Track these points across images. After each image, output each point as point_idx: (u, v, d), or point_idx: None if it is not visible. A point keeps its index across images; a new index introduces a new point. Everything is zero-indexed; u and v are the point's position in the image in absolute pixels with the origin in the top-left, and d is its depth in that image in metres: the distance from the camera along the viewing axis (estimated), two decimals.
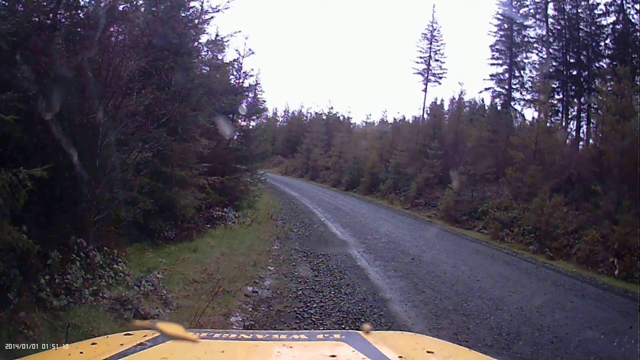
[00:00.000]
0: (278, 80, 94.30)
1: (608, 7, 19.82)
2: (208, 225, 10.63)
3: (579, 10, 21.04)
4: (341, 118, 42.83)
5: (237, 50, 15.62)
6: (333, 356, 1.32)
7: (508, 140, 18.66)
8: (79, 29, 5.95)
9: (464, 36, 63.37)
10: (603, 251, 11.58)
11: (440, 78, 29.96)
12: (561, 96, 21.72)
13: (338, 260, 9.46)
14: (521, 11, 23.74)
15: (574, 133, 21.66)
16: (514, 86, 24.52)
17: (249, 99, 17.49)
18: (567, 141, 20.67)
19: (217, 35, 12.94)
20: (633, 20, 19.09)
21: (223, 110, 12.94)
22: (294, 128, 48.45)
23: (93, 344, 1.47)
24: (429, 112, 28.00)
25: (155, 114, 7.31)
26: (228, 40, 13.10)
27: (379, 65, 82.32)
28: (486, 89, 25.83)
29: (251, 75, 16.11)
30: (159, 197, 8.03)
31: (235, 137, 15.25)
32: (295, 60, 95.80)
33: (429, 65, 29.83)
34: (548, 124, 19.04)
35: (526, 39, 24.13)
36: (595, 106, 18.97)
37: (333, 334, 1.65)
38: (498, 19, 24.72)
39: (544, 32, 22.83)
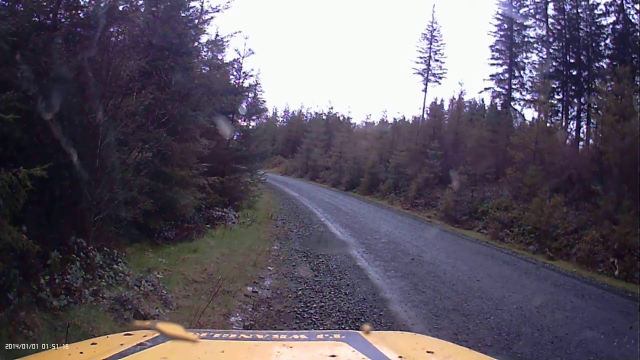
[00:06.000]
0: (278, 80, 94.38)
1: (608, 7, 19.87)
2: (208, 226, 10.62)
3: (579, 10, 21.05)
4: (341, 118, 42.85)
5: (237, 50, 15.58)
6: (333, 356, 1.32)
7: (508, 140, 18.66)
8: (79, 29, 5.95)
9: (463, 36, 63.47)
10: (603, 251, 11.58)
11: (440, 78, 30.07)
12: (561, 96, 21.75)
13: (338, 261, 9.46)
14: (521, 11, 23.76)
15: (574, 133, 21.71)
16: (514, 86, 24.55)
17: (249, 99, 17.51)
18: (567, 141, 20.69)
19: (217, 36, 12.93)
20: (633, 21, 19.13)
21: (223, 110, 12.94)
22: (294, 128, 48.46)
23: (93, 344, 1.47)
24: (429, 112, 28.01)
25: (155, 114, 7.30)
26: (228, 41, 13.11)
27: (379, 65, 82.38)
28: (486, 89, 25.89)
29: (251, 76, 16.12)
30: (159, 197, 8.02)
31: (235, 137, 15.25)
32: (295, 60, 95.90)
33: (428, 65, 29.88)
34: (548, 124, 19.04)
35: (526, 39, 24.14)
36: (595, 106, 18.97)
37: (333, 334, 1.64)
38: (498, 19, 24.76)
39: (544, 32, 22.86)
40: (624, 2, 19.20)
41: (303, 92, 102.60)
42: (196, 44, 10.90)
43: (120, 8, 6.48)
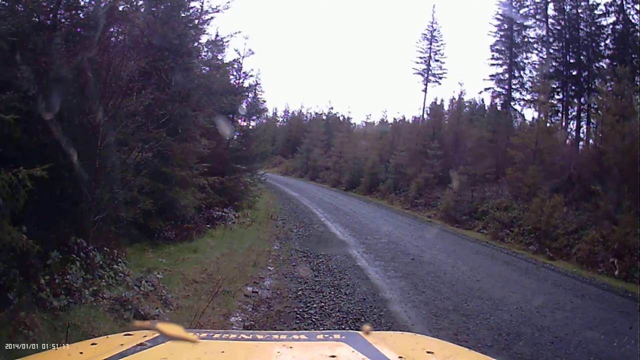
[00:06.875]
0: (278, 80, 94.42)
1: (608, 8, 19.84)
2: (208, 226, 10.62)
3: (579, 11, 21.04)
4: (341, 118, 42.88)
5: (237, 50, 15.62)
6: (333, 356, 1.32)
7: (508, 140, 18.66)
8: (79, 29, 5.95)
9: (464, 36, 63.36)
10: (603, 251, 11.57)
11: (440, 78, 30.10)
12: (561, 96, 21.72)
13: (338, 261, 9.46)
14: (521, 11, 23.76)
15: (574, 133, 21.69)
16: (514, 86, 24.54)
17: (249, 99, 17.56)
18: (567, 141, 20.69)
19: (217, 36, 12.96)
20: (633, 21, 19.10)
21: (223, 111, 12.94)
22: (294, 128, 48.49)
23: (93, 344, 1.46)
24: (429, 112, 28.06)
25: (155, 114, 7.31)
26: (228, 41, 13.13)
27: (379, 65, 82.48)
28: (486, 89, 25.87)
29: (251, 76, 16.20)
30: (159, 197, 8.02)
31: (235, 137, 15.26)
32: (295, 60, 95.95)
33: (429, 65, 29.91)
34: (548, 124, 19.04)
35: (526, 39, 24.14)
36: (595, 106, 18.96)
37: (333, 334, 1.64)
38: (498, 19, 24.75)
39: (544, 33, 22.84)
40: (624, 2, 19.19)
41: (303, 92, 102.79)
42: (196, 44, 10.90)
43: (120, 8, 6.49)
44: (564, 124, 21.70)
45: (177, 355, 1.33)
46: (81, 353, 1.36)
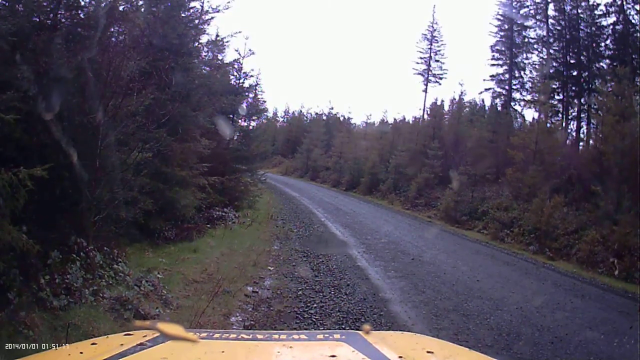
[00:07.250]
0: (278, 80, 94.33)
1: (608, 8, 19.84)
2: (208, 225, 10.62)
3: (579, 11, 21.04)
4: (341, 118, 42.86)
5: (237, 50, 15.63)
6: (333, 356, 1.32)
7: (508, 140, 18.65)
8: (79, 29, 5.95)
9: (464, 37, 63.21)
10: (603, 251, 11.57)
11: (441, 78, 30.09)
12: (561, 97, 21.71)
13: (338, 261, 9.46)
14: (521, 12, 23.75)
15: (574, 133, 21.69)
16: (514, 87, 24.54)
17: (249, 100, 17.55)
18: (567, 142, 20.70)
19: (217, 36, 12.95)
20: (633, 21, 19.11)
21: (223, 111, 12.93)
22: (294, 128, 48.48)
23: (93, 344, 1.46)
24: (429, 112, 27.99)
25: (155, 114, 7.30)
26: (228, 41, 13.13)
27: (379, 65, 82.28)
28: (486, 90, 25.85)
29: (251, 76, 16.13)
30: (159, 197, 8.02)
31: (236, 138, 15.25)
32: (295, 60, 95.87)
33: (429, 65, 29.89)
34: (548, 125, 19.01)
35: (526, 40, 24.14)
36: (595, 107, 18.99)
37: (333, 334, 1.64)
38: (498, 19, 24.74)
39: (545, 33, 22.84)
40: (624, 2, 19.19)
41: (303, 92, 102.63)
42: (196, 44, 10.91)
43: (121, 8, 6.50)
44: (564, 124, 21.71)
45: (177, 355, 1.33)
46: (81, 353, 1.36)
